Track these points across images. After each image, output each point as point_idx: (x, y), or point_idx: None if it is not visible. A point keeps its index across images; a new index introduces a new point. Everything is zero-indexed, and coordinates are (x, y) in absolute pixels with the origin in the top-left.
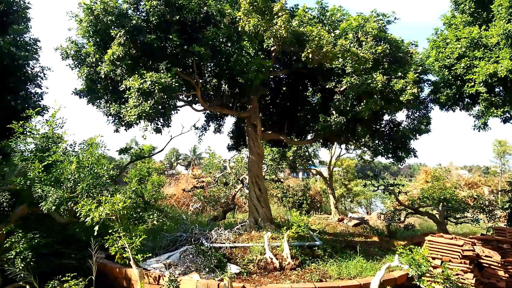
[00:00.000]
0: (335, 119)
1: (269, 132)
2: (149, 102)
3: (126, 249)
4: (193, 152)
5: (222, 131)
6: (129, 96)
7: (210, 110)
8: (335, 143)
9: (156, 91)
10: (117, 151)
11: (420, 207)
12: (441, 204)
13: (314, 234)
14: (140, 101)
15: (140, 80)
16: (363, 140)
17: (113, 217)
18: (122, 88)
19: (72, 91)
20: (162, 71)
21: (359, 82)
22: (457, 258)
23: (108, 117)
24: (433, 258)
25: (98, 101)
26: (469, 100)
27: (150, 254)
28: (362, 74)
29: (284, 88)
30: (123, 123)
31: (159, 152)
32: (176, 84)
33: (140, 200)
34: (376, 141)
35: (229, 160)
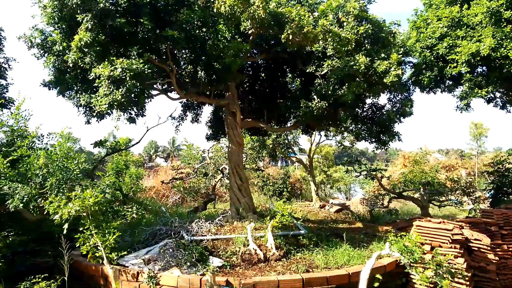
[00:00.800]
0: (317, 104)
1: (249, 120)
2: (120, 90)
3: (99, 247)
4: (172, 144)
5: (200, 121)
6: (99, 85)
7: (186, 98)
8: (316, 129)
9: (128, 78)
10: (91, 144)
11: (404, 191)
12: (422, 187)
13: (298, 222)
14: (111, 90)
15: (110, 67)
16: (345, 124)
17: (84, 214)
18: (92, 77)
19: (41, 82)
20: (133, 57)
21: (341, 65)
22: (447, 243)
23: (78, 109)
24: (422, 244)
25: (68, 92)
26: (450, 82)
27: (125, 253)
28: (344, 56)
29: (263, 75)
30: (94, 114)
31: (135, 144)
32: (148, 71)
33: (119, 194)
34: (359, 126)
35: (208, 150)
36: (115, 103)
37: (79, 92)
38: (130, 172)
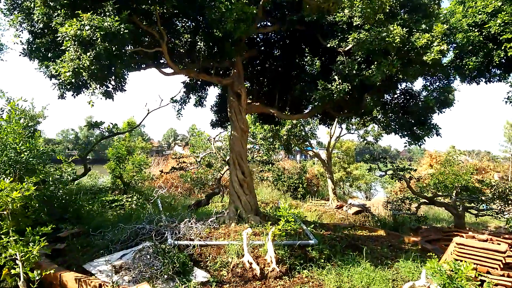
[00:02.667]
0: (338, 87)
1: (257, 104)
2: (88, 54)
3: (17, 261)
4: (191, 132)
5: (205, 105)
6: (67, 49)
7: (184, 75)
8: (336, 119)
9: (99, 39)
10: (85, 126)
11: (436, 196)
12: (455, 192)
13: (307, 229)
14: (78, 54)
15: (78, 24)
16: (371, 113)
17: (4, 213)
18: (60, 39)
19: (20, 51)
20: (108, 13)
21: (370, 38)
22: (497, 268)
23: (51, 79)
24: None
25: (40, 58)
26: (496, 71)
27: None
28: (375, 27)
29: (276, 52)
30: (68, 86)
31: (135, 127)
32: (125, 31)
33: (119, 182)
34: (389, 115)
35: (214, 138)
36: (82, 70)
37: (51, 59)
38: (133, 159)
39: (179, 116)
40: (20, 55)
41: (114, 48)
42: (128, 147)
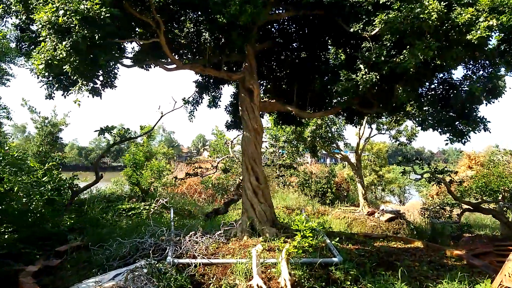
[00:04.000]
0: (364, 77)
1: (272, 101)
2: (65, 43)
3: None
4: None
5: (219, 105)
6: (44, 39)
7: (187, 69)
8: (365, 118)
9: (76, 26)
10: (96, 131)
11: (481, 202)
12: (501, 196)
13: (331, 242)
14: (54, 44)
15: (53, 9)
16: (404, 108)
17: None
18: (38, 29)
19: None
20: None
21: (401, 17)
22: None
23: (38, 78)
24: None
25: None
26: None
27: None
28: (405, 3)
29: (293, 45)
30: (57, 85)
31: (148, 132)
32: (106, 15)
33: (137, 189)
34: (425, 109)
35: (232, 141)
36: (57, 62)
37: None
38: (151, 165)
39: (191, 118)
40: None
41: (97, 37)
42: (147, 153)
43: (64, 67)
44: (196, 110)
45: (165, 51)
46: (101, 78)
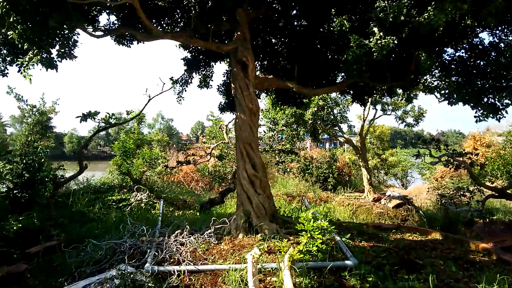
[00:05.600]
0: (379, 42)
1: (270, 76)
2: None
3: None
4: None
5: (211, 85)
6: None
7: (167, 39)
8: (373, 95)
9: None
10: (77, 117)
11: (509, 187)
12: None
13: (342, 240)
14: None
15: None
16: (423, 80)
17: None
18: None
19: None
20: None
21: None
22: None
23: None
24: None
25: None
26: None
27: None
28: None
29: (292, 11)
30: (10, 58)
31: (135, 117)
32: None
33: (127, 179)
34: (454, 79)
35: (226, 126)
36: None
37: None
38: (143, 153)
39: (180, 100)
40: None
41: None
42: (138, 141)
43: (8, 33)
44: (186, 91)
45: (139, 15)
46: (57, 47)
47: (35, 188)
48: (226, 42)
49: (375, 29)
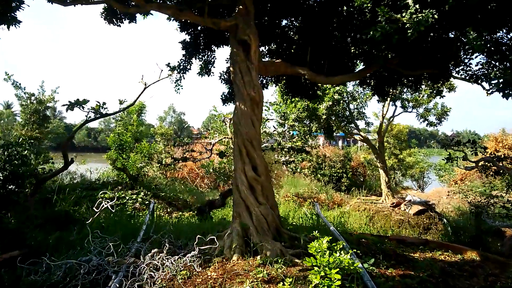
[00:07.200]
0: (414, 16)
1: (277, 60)
2: None
3: None
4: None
5: (212, 72)
6: None
7: (153, 10)
8: (398, 87)
9: None
10: (63, 105)
11: None
12: None
13: (364, 268)
14: None
15: None
16: (468, 65)
17: None
18: None
19: None
20: None
21: None
22: None
23: None
24: None
25: None
26: None
27: None
28: None
29: None
30: None
31: (129, 106)
32: None
33: (123, 175)
34: (508, 64)
35: (229, 119)
36: None
37: None
38: (141, 147)
39: (178, 89)
40: None
41: None
42: (137, 134)
43: None
44: (184, 78)
45: None
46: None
47: (18, 183)
48: (226, 18)
49: (409, 1)
